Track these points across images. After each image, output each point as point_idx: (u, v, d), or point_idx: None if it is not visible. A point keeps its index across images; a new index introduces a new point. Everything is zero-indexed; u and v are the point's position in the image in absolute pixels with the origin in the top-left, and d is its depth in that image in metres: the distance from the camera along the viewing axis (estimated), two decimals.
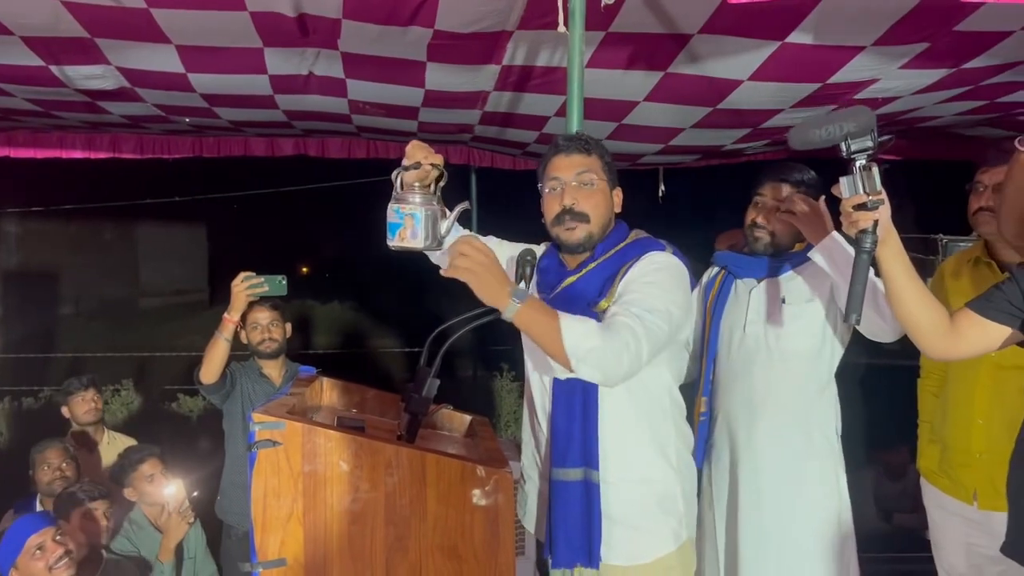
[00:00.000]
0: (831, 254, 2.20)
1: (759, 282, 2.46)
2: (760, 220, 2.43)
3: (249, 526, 1.70)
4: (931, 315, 1.76)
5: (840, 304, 2.33)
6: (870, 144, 1.62)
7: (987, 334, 1.74)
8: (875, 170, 1.63)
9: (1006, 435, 2.30)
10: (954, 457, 2.43)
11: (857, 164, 1.63)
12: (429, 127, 3.91)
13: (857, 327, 2.28)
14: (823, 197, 2.27)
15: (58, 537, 2.57)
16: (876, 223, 1.63)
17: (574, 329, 1.77)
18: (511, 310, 1.75)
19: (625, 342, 1.79)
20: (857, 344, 2.50)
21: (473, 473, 1.71)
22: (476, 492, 1.71)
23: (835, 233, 2.21)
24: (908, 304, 1.75)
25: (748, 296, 2.46)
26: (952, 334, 1.76)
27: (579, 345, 1.76)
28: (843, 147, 1.63)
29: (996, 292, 1.75)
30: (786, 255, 2.44)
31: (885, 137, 1.53)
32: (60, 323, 11.88)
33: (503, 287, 1.74)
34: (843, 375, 2.55)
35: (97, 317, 12.70)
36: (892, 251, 1.70)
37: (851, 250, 1.93)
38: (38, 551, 2.52)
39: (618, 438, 1.99)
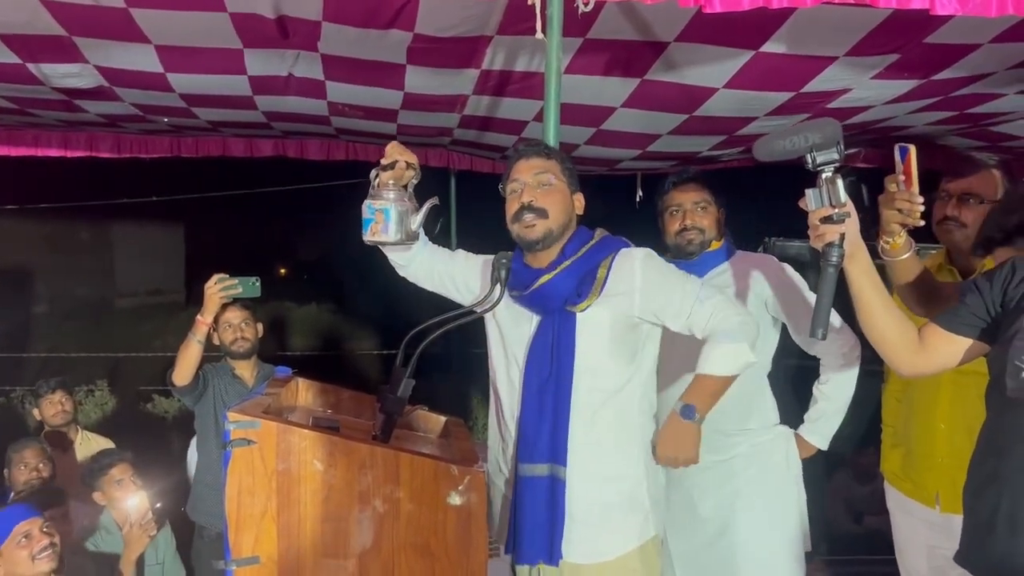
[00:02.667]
0: None
1: None
2: (688, 222, 2.54)
3: (223, 525, 1.71)
4: (900, 331, 1.75)
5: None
6: (836, 156, 1.60)
7: (955, 348, 1.74)
8: (840, 182, 1.61)
9: (967, 440, 2.34)
10: (917, 461, 2.47)
11: (823, 176, 1.61)
12: (408, 130, 3.92)
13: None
14: None
15: (45, 528, 2.57)
16: (843, 237, 1.61)
17: (733, 363, 2.01)
18: (702, 420, 2.04)
19: (739, 322, 2.01)
20: None
21: (446, 472, 1.73)
22: (450, 491, 1.73)
23: None
24: (876, 320, 1.74)
25: None
26: (921, 350, 1.75)
27: (746, 361, 2.01)
28: (808, 159, 1.62)
29: (962, 306, 1.74)
30: (706, 255, 2.56)
31: (853, 150, 1.54)
32: (34, 322, 11.73)
33: (693, 435, 2.05)
34: (812, 381, 2.62)
35: (72, 317, 12.55)
36: (860, 266, 1.69)
37: None
38: (24, 539, 2.51)
39: (587, 434, 2.02)
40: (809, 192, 1.64)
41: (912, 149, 1.90)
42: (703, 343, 2.08)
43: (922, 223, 1.93)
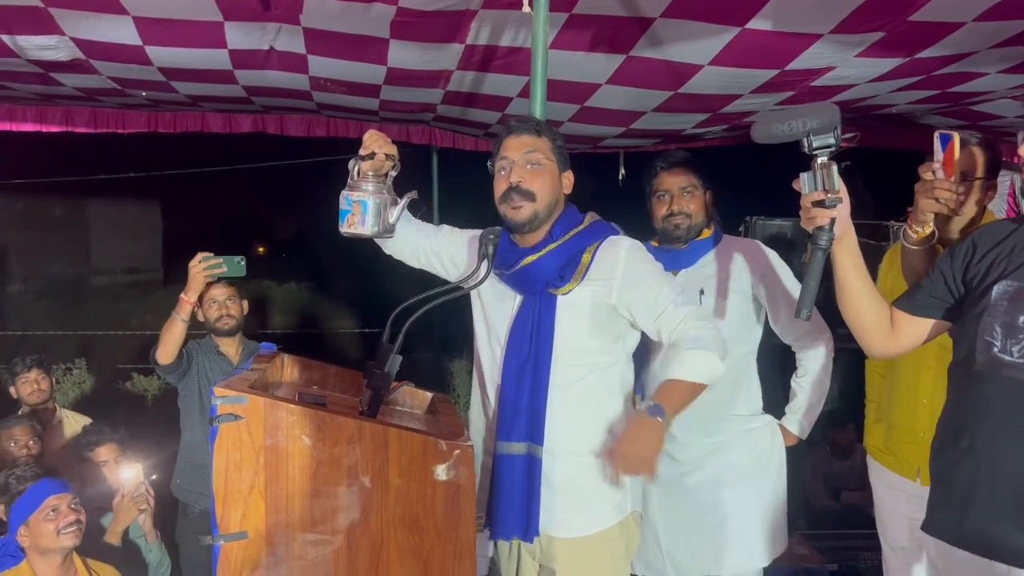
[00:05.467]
0: None
1: (675, 275, 2.56)
2: (675, 207, 2.54)
3: (210, 500, 1.70)
4: (877, 315, 1.81)
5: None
6: (832, 141, 1.62)
7: (917, 329, 1.82)
8: (834, 168, 1.63)
9: None
10: (899, 435, 2.51)
11: (818, 161, 1.63)
12: (391, 105, 3.89)
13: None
14: None
15: (73, 504, 2.60)
16: (834, 221, 1.64)
17: (706, 372, 1.97)
18: (668, 424, 1.94)
19: (713, 333, 1.99)
20: None
21: (435, 447, 1.73)
22: (438, 466, 1.73)
23: None
24: (856, 303, 1.79)
25: None
26: (891, 333, 1.82)
27: (716, 373, 1.99)
28: (805, 143, 1.64)
29: (919, 288, 1.81)
30: (697, 243, 2.57)
31: (849, 134, 1.53)
32: (8, 301, 11.60)
33: (658, 435, 1.92)
34: (793, 359, 2.66)
35: (47, 295, 12.42)
36: (847, 250, 1.73)
37: None
38: (52, 512, 2.54)
39: (566, 411, 2.04)
40: (803, 175, 1.65)
41: (955, 137, 1.90)
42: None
43: (960, 214, 1.94)
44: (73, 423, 4.00)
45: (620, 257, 2.04)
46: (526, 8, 2.20)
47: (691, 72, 3.08)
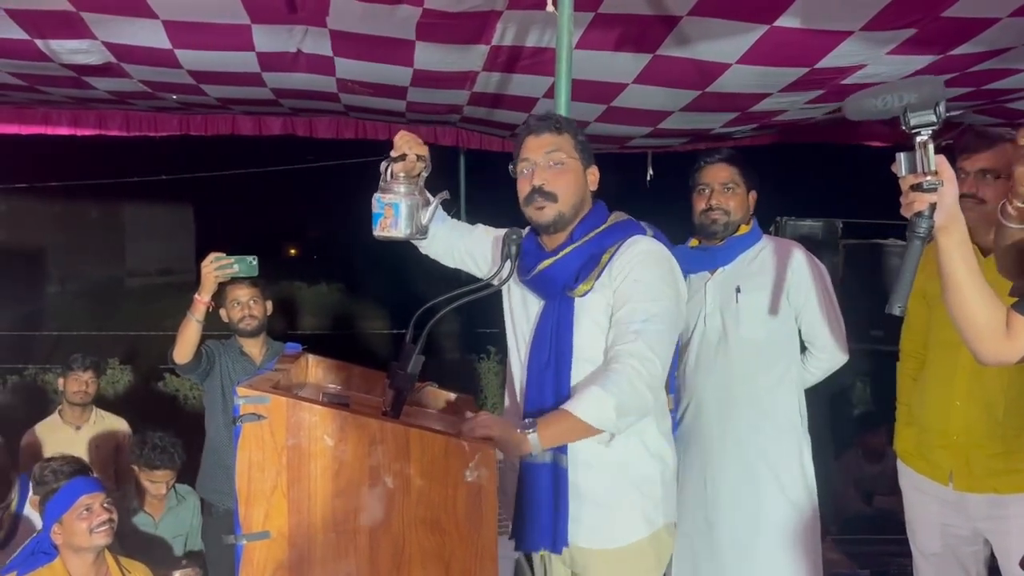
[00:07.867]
0: None
1: (712, 274, 2.58)
2: (714, 202, 2.54)
3: (233, 500, 1.71)
4: (989, 315, 1.58)
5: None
6: (933, 119, 1.45)
7: None
8: (931, 148, 1.46)
9: (983, 417, 2.34)
10: (931, 439, 2.45)
11: (917, 140, 1.46)
12: (417, 107, 3.90)
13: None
14: None
15: (106, 504, 2.65)
16: (933, 207, 1.46)
17: (591, 411, 1.84)
18: (535, 443, 1.85)
19: (631, 379, 1.86)
20: None
21: (457, 448, 1.72)
22: (460, 468, 1.72)
23: None
24: (966, 302, 1.56)
25: (704, 288, 2.56)
26: (1007, 338, 1.60)
27: (606, 421, 1.85)
28: (902, 120, 1.47)
29: None
30: (734, 240, 2.56)
31: (958, 111, 1.43)
32: (45, 302, 11.80)
33: (516, 448, 1.86)
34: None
35: (83, 296, 12.63)
36: (954, 241, 1.51)
37: None
38: (86, 511, 2.59)
39: None
40: (900, 155, 1.49)
41: None
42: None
43: None
44: (107, 423, 4.08)
45: (633, 258, 1.97)
46: (550, 8, 2.19)
47: (719, 71, 3.05)
